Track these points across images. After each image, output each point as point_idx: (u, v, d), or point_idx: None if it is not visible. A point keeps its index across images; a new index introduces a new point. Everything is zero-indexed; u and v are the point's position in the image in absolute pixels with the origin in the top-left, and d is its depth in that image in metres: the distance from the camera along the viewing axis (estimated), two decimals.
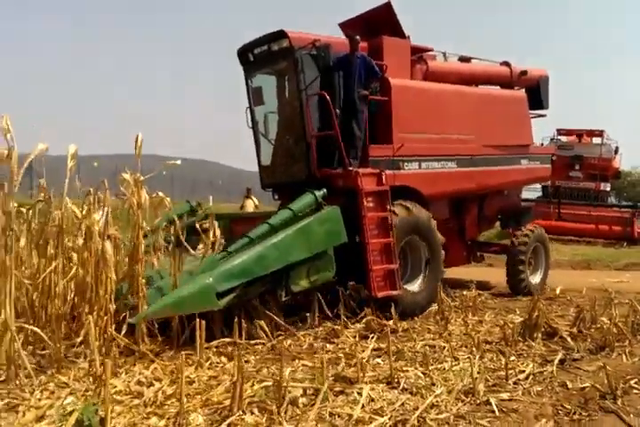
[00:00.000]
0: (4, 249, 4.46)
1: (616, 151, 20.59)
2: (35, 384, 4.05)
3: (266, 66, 7.30)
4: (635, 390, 4.29)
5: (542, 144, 14.05)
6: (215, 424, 3.50)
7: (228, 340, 5.14)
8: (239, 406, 3.62)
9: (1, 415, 3.67)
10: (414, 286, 6.84)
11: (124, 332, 4.88)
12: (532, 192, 18.70)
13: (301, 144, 6.84)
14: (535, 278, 8.81)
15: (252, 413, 3.63)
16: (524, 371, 4.60)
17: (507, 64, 9.24)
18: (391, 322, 5.47)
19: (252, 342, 5.21)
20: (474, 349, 5.04)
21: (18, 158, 4.55)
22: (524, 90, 9.36)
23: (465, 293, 7.69)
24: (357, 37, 6.85)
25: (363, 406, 3.74)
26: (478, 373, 4.30)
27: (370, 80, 6.86)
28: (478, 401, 3.94)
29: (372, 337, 5.36)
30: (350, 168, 6.49)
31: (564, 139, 20.73)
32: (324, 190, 6.28)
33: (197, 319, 4.58)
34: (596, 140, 20.51)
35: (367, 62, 6.77)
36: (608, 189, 20.56)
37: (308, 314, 5.86)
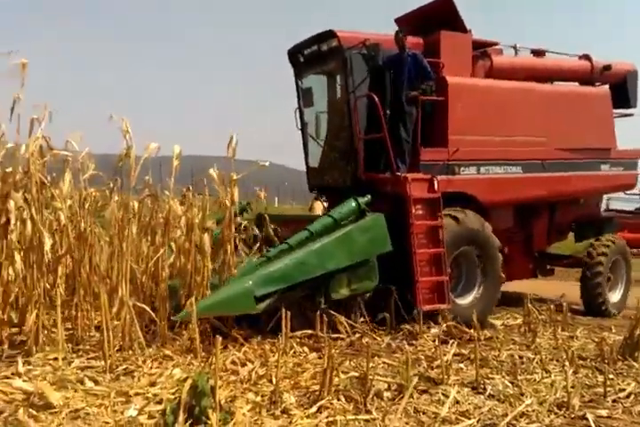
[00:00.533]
0: (121, 237, 5.03)
1: None
2: (145, 355, 4.52)
3: (315, 66, 7.12)
4: None
5: None
6: (306, 405, 3.77)
7: (310, 332, 5.45)
8: (328, 391, 3.90)
9: (120, 378, 4.16)
10: (466, 300, 6.48)
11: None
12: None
13: (349, 147, 6.66)
14: (614, 296, 8.08)
15: (339, 400, 3.89)
16: (624, 389, 4.42)
17: (587, 58, 8.32)
18: (472, 330, 5.56)
19: (333, 336, 5.47)
20: (566, 363, 4.92)
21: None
22: (607, 86, 8.49)
23: (552, 306, 7.42)
24: (401, 33, 6.48)
25: (449, 406, 3.87)
26: (572, 387, 4.22)
27: (421, 80, 6.43)
28: (573, 415, 3.88)
29: (453, 343, 5.49)
30: (399, 173, 6.21)
31: None
32: (369, 197, 6.05)
33: (283, 310, 4.89)
34: None
35: (418, 61, 6.39)
36: None
37: (386, 315, 5.94)
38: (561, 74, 8.28)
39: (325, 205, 8.04)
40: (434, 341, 5.57)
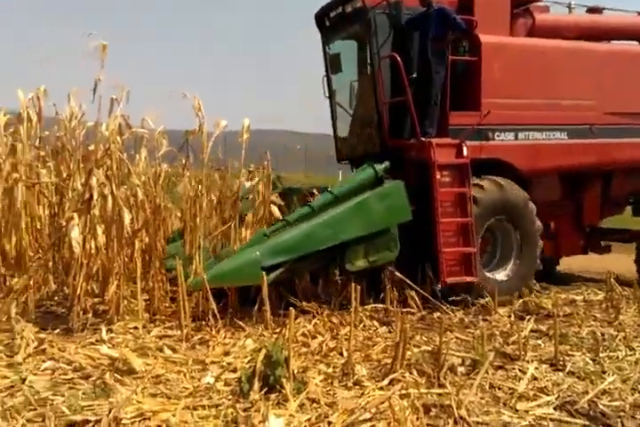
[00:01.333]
0: (193, 210, 5.16)
1: None
2: (219, 325, 4.66)
3: (342, 30, 6.73)
4: None
5: None
6: (378, 378, 3.75)
7: (380, 306, 5.41)
8: (400, 365, 3.86)
9: (196, 347, 4.31)
10: (500, 275, 6.10)
11: None
12: None
13: (375, 113, 6.30)
14: None
15: (412, 373, 3.85)
16: None
17: None
18: (550, 305, 5.32)
19: (404, 310, 5.43)
20: None
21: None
22: None
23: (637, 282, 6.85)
24: None
25: (526, 382, 3.75)
26: None
27: (450, 34, 5.99)
28: None
29: (529, 318, 5.29)
30: (424, 138, 5.81)
31: None
32: (387, 163, 5.71)
33: (352, 284, 4.85)
34: None
35: (446, 14, 5.93)
36: None
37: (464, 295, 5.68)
38: (619, 32, 7.62)
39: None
40: (509, 316, 5.39)
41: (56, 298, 5.17)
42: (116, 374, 3.64)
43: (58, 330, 4.43)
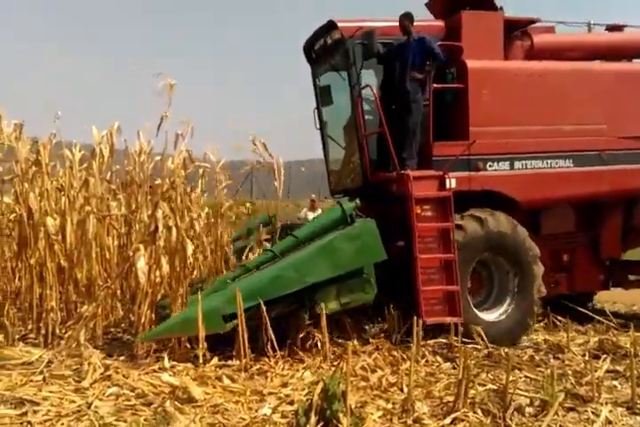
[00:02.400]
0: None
1: None
2: (277, 356, 4.64)
3: (326, 62, 6.52)
4: None
5: None
6: (439, 416, 3.59)
7: (444, 340, 5.23)
8: (463, 403, 3.69)
9: (254, 377, 4.30)
10: (493, 315, 5.70)
11: None
12: None
13: (357, 145, 6.11)
14: None
15: (476, 413, 3.66)
16: None
17: None
18: (629, 344, 4.94)
19: (469, 346, 5.22)
20: None
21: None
22: None
23: None
24: (404, 16, 5.76)
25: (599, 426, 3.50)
26: None
27: (429, 65, 5.74)
28: None
29: (605, 358, 4.95)
30: (403, 171, 5.51)
31: None
32: (356, 202, 5.53)
33: (414, 318, 4.75)
34: None
35: (425, 44, 5.68)
36: None
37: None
38: (635, 50, 7.02)
39: None
40: (583, 355, 5.05)
41: (122, 325, 5.36)
42: (176, 402, 3.69)
43: (123, 357, 4.56)
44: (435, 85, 5.80)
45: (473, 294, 5.72)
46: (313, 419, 3.28)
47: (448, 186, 5.43)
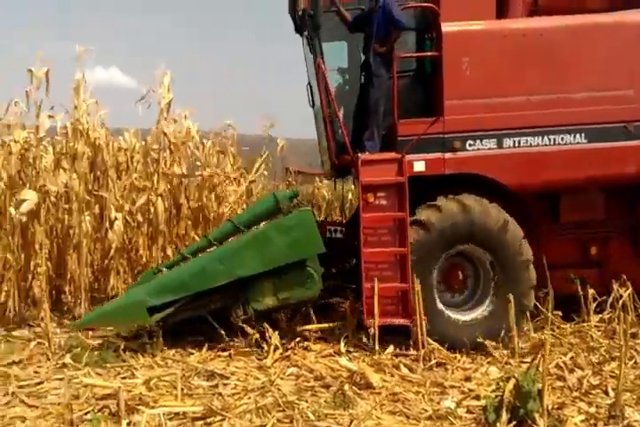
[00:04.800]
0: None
1: None
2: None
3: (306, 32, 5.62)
4: None
5: None
6: None
7: None
8: None
9: (433, 369, 4.10)
10: (468, 316, 4.70)
11: None
12: None
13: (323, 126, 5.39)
14: None
15: None
16: None
17: None
18: None
19: None
20: None
21: None
22: None
23: None
24: None
25: None
26: None
27: (392, 34, 4.81)
28: None
29: None
30: (361, 154, 4.76)
31: None
32: (294, 191, 5.03)
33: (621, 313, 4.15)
34: None
35: (387, 11, 4.79)
36: None
37: None
38: None
39: None
40: None
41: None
42: (354, 387, 3.66)
43: (298, 338, 4.67)
44: (401, 55, 4.98)
45: (450, 291, 4.87)
46: (504, 417, 3.03)
47: (405, 170, 4.64)
